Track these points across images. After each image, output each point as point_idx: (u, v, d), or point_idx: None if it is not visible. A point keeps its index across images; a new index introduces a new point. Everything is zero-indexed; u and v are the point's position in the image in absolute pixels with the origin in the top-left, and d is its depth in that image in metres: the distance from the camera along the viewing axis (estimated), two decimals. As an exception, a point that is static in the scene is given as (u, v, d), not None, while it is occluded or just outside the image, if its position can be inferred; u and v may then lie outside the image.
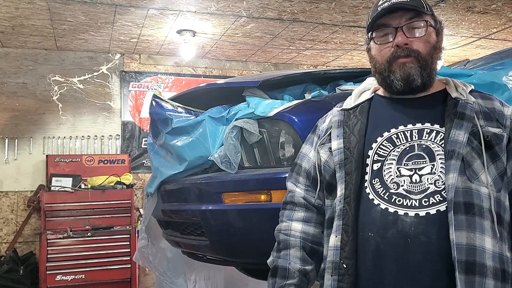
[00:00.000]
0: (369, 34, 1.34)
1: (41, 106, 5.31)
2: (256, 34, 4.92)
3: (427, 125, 1.25)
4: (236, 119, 2.06)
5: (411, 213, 1.16)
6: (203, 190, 2.15)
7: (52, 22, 4.45)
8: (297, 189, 1.42)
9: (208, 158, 2.12)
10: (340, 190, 1.28)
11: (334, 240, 1.25)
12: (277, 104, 2.03)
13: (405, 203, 1.17)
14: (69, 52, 5.41)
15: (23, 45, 5.16)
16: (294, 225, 1.38)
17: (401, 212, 1.17)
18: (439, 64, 1.35)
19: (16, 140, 5.19)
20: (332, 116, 1.42)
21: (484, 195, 1.17)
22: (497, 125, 1.24)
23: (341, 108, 1.42)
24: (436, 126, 1.25)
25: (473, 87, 1.36)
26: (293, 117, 1.92)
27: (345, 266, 1.21)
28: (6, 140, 5.16)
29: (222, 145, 2.08)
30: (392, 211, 1.17)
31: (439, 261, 1.12)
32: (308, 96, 2.14)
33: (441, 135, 1.22)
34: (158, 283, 3.12)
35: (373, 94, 1.41)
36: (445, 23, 4.58)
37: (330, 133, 1.38)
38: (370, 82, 1.46)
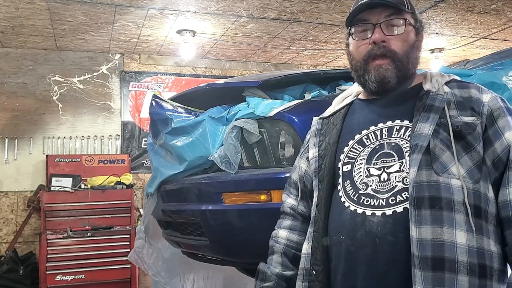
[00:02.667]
0: (348, 29, 1.32)
1: (41, 106, 5.31)
2: (256, 34, 4.92)
3: (397, 122, 1.23)
4: (236, 119, 2.06)
5: (378, 212, 1.14)
6: (203, 190, 2.15)
7: (52, 22, 4.45)
8: (288, 200, 1.47)
9: (208, 158, 2.12)
10: (314, 197, 1.30)
11: (306, 247, 1.28)
12: (277, 104, 2.04)
13: (372, 203, 1.16)
14: (69, 52, 5.41)
15: (23, 45, 5.16)
16: (281, 233, 1.43)
17: (368, 212, 1.15)
18: (419, 63, 1.32)
19: (16, 140, 5.19)
20: (312, 125, 1.44)
21: (455, 188, 1.12)
22: (471, 114, 1.19)
23: (319, 117, 1.43)
24: (406, 122, 1.22)
25: (455, 77, 1.32)
26: (293, 117, 1.92)
27: (314, 272, 1.22)
28: (6, 140, 5.16)
29: (222, 145, 2.08)
30: (360, 212, 1.16)
31: (408, 260, 1.09)
32: (308, 96, 2.15)
33: (410, 130, 1.19)
34: (155, 284, 3.13)
35: (355, 98, 1.40)
36: (445, 23, 4.58)
37: (308, 142, 1.41)
38: (354, 87, 1.44)
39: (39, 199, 4.85)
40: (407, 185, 1.14)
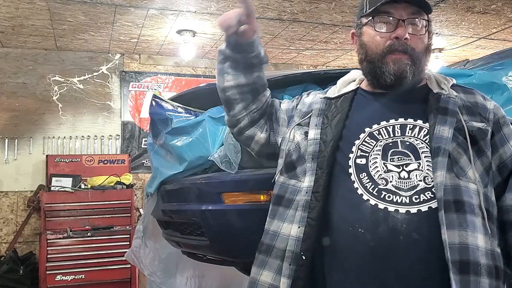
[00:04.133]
0: (365, 19, 1.30)
1: (41, 106, 5.31)
2: (256, 34, 4.91)
3: (410, 120, 1.24)
4: (236, 119, 2.05)
5: (402, 209, 1.14)
6: (203, 190, 2.15)
7: (52, 22, 4.45)
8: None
9: (208, 158, 2.12)
10: (308, 181, 1.26)
11: (296, 230, 1.24)
12: (277, 104, 2.03)
13: (395, 200, 1.15)
14: (69, 52, 5.41)
15: (23, 45, 5.16)
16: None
17: (391, 208, 1.15)
18: (428, 66, 1.34)
19: (16, 140, 5.19)
20: (315, 103, 1.40)
21: (472, 192, 1.15)
22: (480, 120, 1.23)
23: (324, 96, 1.40)
24: (419, 122, 1.23)
25: (454, 81, 1.34)
26: (293, 117, 1.92)
27: (304, 258, 1.21)
28: (6, 140, 5.16)
29: (222, 145, 2.08)
30: (382, 207, 1.15)
31: (431, 260, 1.10)
32: (308, 96, 2.14)
33: (425, 131, 1.20)
34: (150, 284, 3.14)
35: (358, 86, 1.39)
36: (445, 23, 4.58)
37: (309, 117, 1.37)
38: (356, 75, 1.43)
39: (39, 199, 4.85)
40: (429, 184, 1.15)
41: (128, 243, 4.62)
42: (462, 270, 1.07)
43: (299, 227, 1.24)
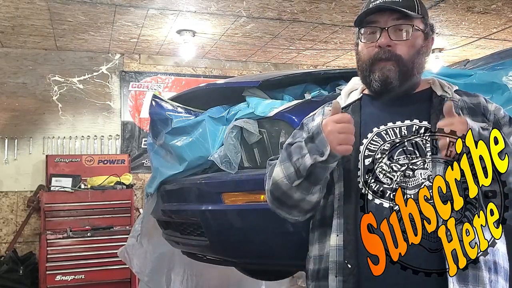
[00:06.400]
0: (358, 30, 1.35)
1: (41, 106, 5.31)
2: (256, 34, 4.92)
3: (416, 121, 1.27)
4: (236, 119, 2.06)
5: None
6: (203, 190, 2.15)
7: (52, 22, 4.45)
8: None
9: (208, 158, 2.12)
10: (338, 187, 1.28)
11: (335, 239, 1.24)
12: (277, 104, 2.04)
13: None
14: (69, 52, 5.40)
15: (23, 45, 5.16)
16: None
17: (396, 207, 1.15)
18: (425, 68, 1.36)
19: (16, 140, 5.19)
20: (326, 116, 1.39)
21: None
22: (482, 120, 1.27)
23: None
24: (424, 123, 1.26)
25: (457, 87, 1.39)
26: (293, 117, 1.92)
27: (349, 266, 1.20)
28: (6, 140, 5.15)
29: (222, 145, 2.08)
30: (387, 206, 1.17)
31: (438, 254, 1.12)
32: (308, 96, 2.14)
33: (430, 131, 1.23)
34: (141, 284, 3.15)
35: (361, 93, 1.42)
36: (445, 23, 4.58)
37: None
38: (357, 82, 1.46)
39: (39, 199, 4.85)
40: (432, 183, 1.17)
41: (128, 243, 4.62)
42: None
43: (337, 235, 1.24)
